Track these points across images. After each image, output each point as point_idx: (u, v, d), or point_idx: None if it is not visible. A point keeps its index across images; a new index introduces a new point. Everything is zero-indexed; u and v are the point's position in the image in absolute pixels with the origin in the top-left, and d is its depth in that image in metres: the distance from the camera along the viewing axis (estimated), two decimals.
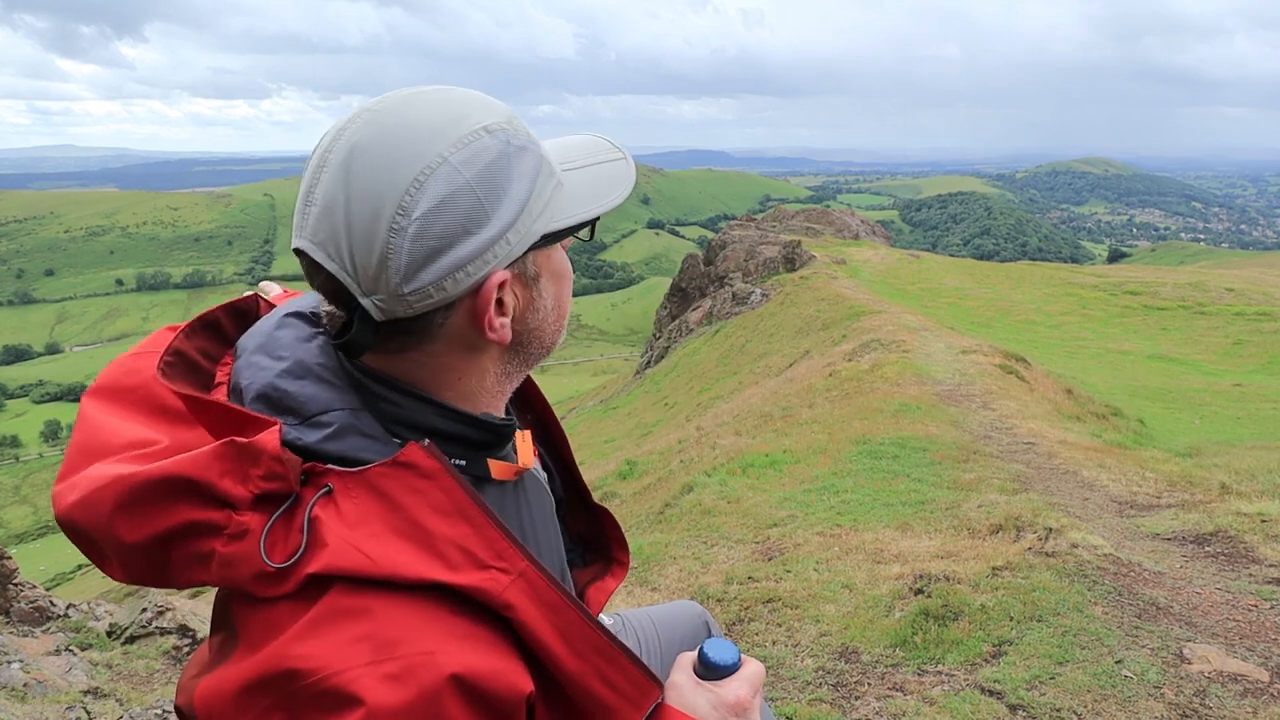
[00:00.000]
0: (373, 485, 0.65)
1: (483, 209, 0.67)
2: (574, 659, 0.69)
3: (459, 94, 0.71)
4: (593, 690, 0.70)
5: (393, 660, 0.59)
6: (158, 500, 0.65)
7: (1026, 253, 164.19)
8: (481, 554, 0.65)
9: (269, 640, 0.62)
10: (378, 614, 0.61)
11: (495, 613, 0.65)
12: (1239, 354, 19.84)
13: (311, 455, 0.68)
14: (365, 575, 0.62)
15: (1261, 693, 2.52)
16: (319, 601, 0.62)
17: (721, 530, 4.94)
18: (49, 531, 58.10)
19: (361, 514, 0.64)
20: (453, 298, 0.69)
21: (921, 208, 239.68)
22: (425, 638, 0.61)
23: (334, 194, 0.66)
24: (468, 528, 0.66)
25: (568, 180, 0.76)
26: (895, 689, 2.72)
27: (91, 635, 4.00)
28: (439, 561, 0.64)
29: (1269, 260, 60.91)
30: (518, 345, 0.77)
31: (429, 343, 0.72)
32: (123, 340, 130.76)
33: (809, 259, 30.59)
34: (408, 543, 0.64)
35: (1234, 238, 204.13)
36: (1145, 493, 5.14)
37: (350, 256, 0.66)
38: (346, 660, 0.59)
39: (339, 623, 0.61)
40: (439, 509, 0.65)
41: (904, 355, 11.27)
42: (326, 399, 0.71)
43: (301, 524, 0.64)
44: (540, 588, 0.67)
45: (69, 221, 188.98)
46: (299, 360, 0.73)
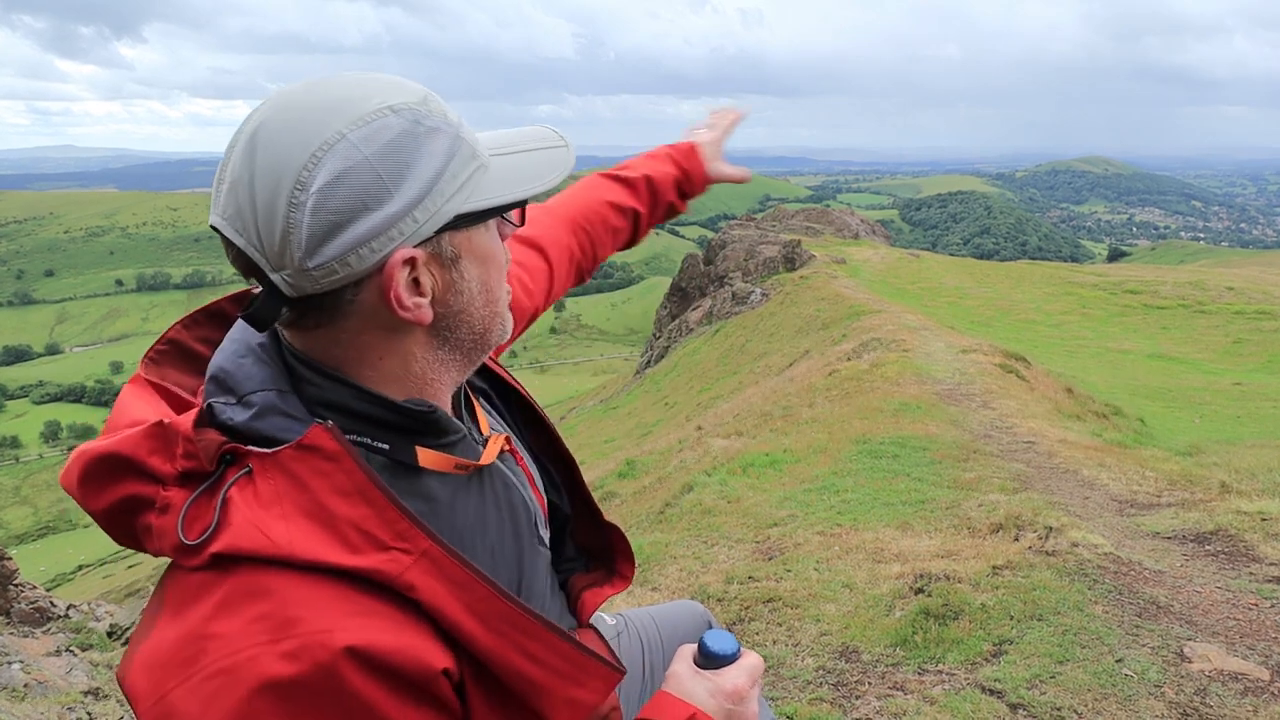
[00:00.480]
0: (285, 467, 0.67)
1: (383, 185, 0.67)
2: (489, 635, 0.69)
3: (374, 77, 0.72)
4: (514, 665, 0.71)
5: (290, 639, 0.61)
6: (104, 474, 0.69)
7: (1026, 252, 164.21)
8: (382, 535, 0.66)
9: (185, 610, 0.65)
10: (278, 594, 0.63)
11: (402, 593, 0.66)
12: (1239, 353, 19.84)
13: (239, 434, 0.70)
14: (265, 556, 0.64)
15: (1262, 691, 2.52)
16: (226, 580, 0.64)
17: (722, 530, 4.94)
18: (49, 532, 58.12)
19: (275, 495, 0.66)
20: (359, 274, 0.69)
21: (921, 207, 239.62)
22: (323, 617, 0.63)
23: (240, 171, 0.67)
24: (368, 509, 0.67)
25: (496, 164, 0.77)
26: (896, 688, 2.72)
27: (92, 636, 4.00)
28: (340, 544, 0.65)
29: (1269, 259, 60.91)
30: (443, 329, 0.76)
31: (342, 320, 0.72)
32: (123, 341, 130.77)
33: (809, 258, 30.59)
34: (314, 524, 0.65)
35: (1234, 236, 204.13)
36: (1145, 491, 5.14)
37: (256, 232, 0.67)
38: (248, 639, 0.61)
39: (242, 602, 0.63)
40: (341, 490, 0.67)
41: (904, 354, 11.27)
42: (260, 378, 0.72)
43: (217, 503, 0.66)
44: (445, 565, 0.68)
45: (69, 222, 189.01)
46: (244, 340, 0.75)
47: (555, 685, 0.74)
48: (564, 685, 0.75)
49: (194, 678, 0.61)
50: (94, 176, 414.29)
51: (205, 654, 0.61)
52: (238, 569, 0.64)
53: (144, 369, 0.78)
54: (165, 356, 0.80)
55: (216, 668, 0.61)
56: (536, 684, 0.73)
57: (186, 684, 0.61)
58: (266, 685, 0.60)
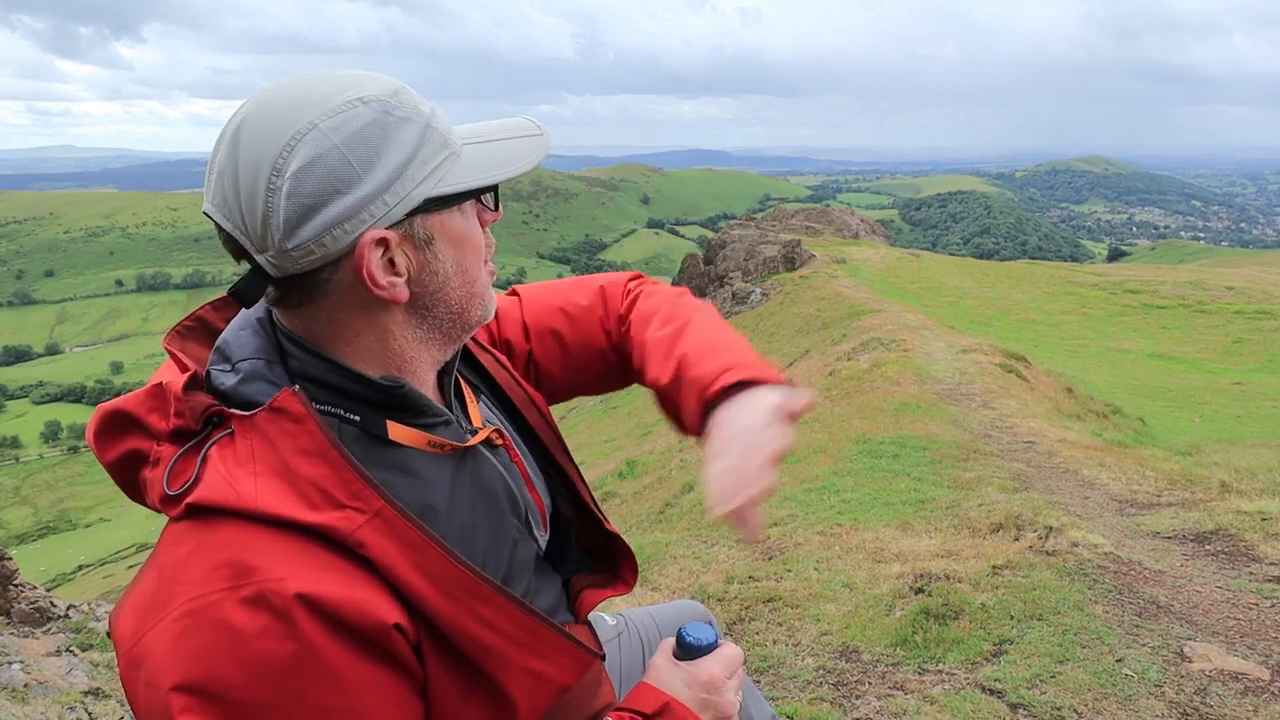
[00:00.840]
0: (260, 428, 0.72)
1: (353, 170, 0.72)
2: (441, 597, 0.72)
3: (350, 73, 0.77)
4: (468, 630, 0.73)
5: (247, 585, 0.66)
6: (113, 429, 0.77)
7: (1026, 252, 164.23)
8: (338, 493, 0.71)
9: (162, 557, 0.71)
10: (240, 544, 0.68)
11: (354, 550, 0.70)
12: (1239, 352, 19.85)
13: (228, 398, 0.76)
14: (233, 508, 0.69)
15: (1262, 691, 2.52)
16: (199, 531, 0.70)
17: (722, 530, 4.94)
18: (49, 532, 58.14)
19: (249, 453, 0.72)
20: (334, 254, 0.74)
21: (921, 207, 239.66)
22: (278, 566, 0.67)
23: (225, 162, 0.73)
24: (327, 469, 0.71)
25: (468, 152, 0.81)
26: (896, 688, 2.72)
27: (92, 636, 4.00)
28: (301, 501, 0.70)
29: (1268, 259, 60.90)
30: (421, 308, 0.81)
31: (322, 297, 0.77)
32: (123, 341, 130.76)
33: (809, 258, 30.59)
34: (280, 481, 0.70)
35: (1234, 236, 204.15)
36: (1145, 491, 5.14)
37: (241, 217, 0.73)
38: (210, 584, 0.66)
39: (209, 550, 0.68)
40: (304, 450, 0.71)
41: (904, 354, 11.27)
42: (252, 348, 0.79)
43: (198, 460, 0.72)
44: (398, 526, 0.71)
45: (69, 222, 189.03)
46: (248, 316, 0.82)
47: (511, 653, 0.76)
48: (521, 654, 0.76)
49: (165, 619, 0.66)
50: (94, 177, 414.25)
51: (174, 598, 0.66)
52: (210, 520, 0.69)
53: (167, 340, 0.84)
54: (191, 332, 0.86)
55: (182, 610, 0.65)
56: (490, 649, 0.74)
57: (158, 625, 0.66)
58: (226, 629, 0.64)
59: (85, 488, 68.09)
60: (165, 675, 0.64)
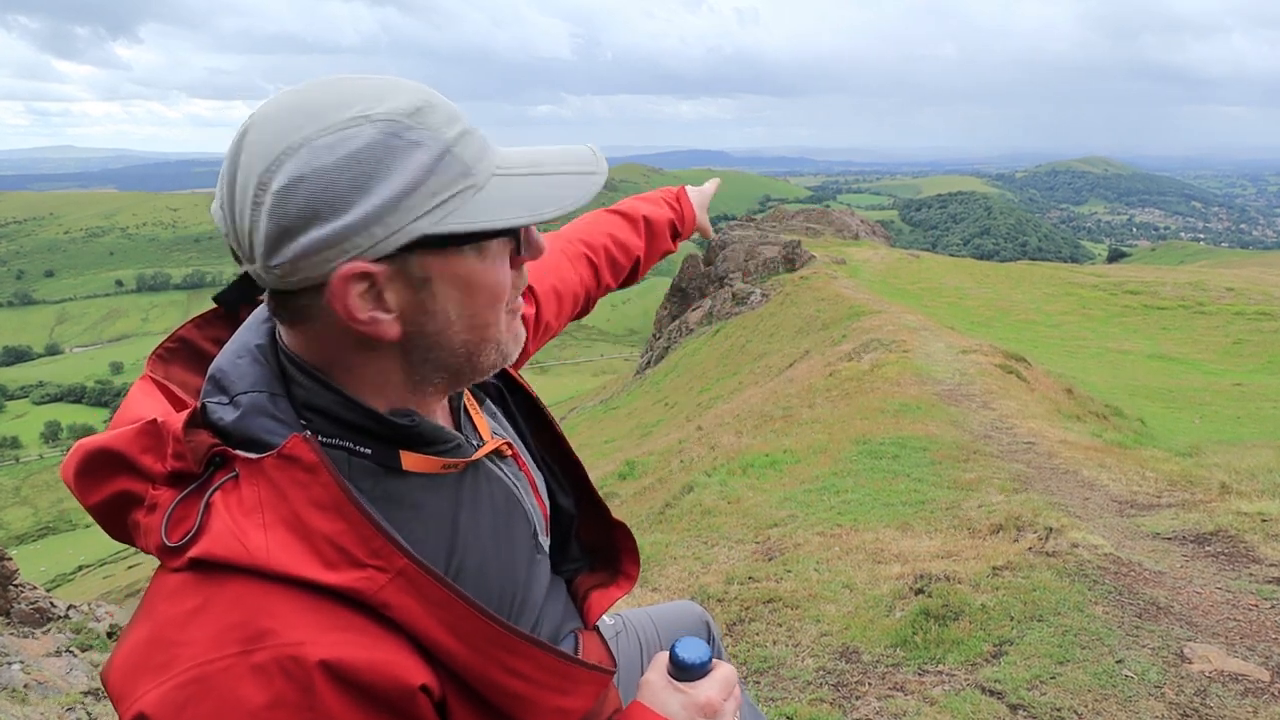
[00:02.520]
0: (268, 474, 0.67)
1: (339, 197, 0.65)
2: (469, 652, 0.69)
3: (372, 81, 0.69)
4: (497, 681, 0.71)
5: (261, 650, 0.61)
6: (99, 469, 0.69)
7: (1026, 252, 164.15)
8: (357, 552, 0.65)
9: (160, 612, 0.64)
10: (251, 604, 0.62)
11: (378, 611, 0.66)
12: (1239, 353, 19.85)
13: (229, 435, 0.70)
14: (242, 565, 0.63)
15: (1262, 692, 2.52)
16: (203, 587, 0.64)
17: (722, 530, 4.94)
18: (49, 533, 58.10)
19: (256, 502, 0.66)
20: (314, 281, 0.68)
21: (921, 207, 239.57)
22: (296, 630, 0.62)
23: (227, 166, 0.69)
24: (344, 524, 0.66)
25: (498, 186, 0.72)
26: (896, 689, 2.72)
27: (92, 636, 4.00)
28: (317, 559, 0.64)
29: (1269, 260, 60.91)
30: (416, 348, 0.73)
31: (312, 321, 0.71)
32: (123, 341, 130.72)
33: (809, 259, 30.59)
34: (292, 535, 0.65)
35: (1234, 237, 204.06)
36: (1145, 492, 5.14)
37: (232, 224, 0.68)
38: (219, 649, 0.61)
39: (215, 610, 0.62)
40: (318, 504, 0.66)
41: (904, 355, 11.27)
42: (252, 379, 0.72)
43: (200, 507, 0.66)
44: (422, 585, 0.67)
45: (69, 222, 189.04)
46: (244, 340, 0.75)
47: (540, 696, 0.74)
48: (549, 696, 0.75)
49: (166, 684, 0.60)
50: (94, 177, 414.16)
51: (177, 661, 0.61)
52: (215, 576, 0.64)
53: (150, 366, 0.78)
54: (174, 354, 0.80)
55: (187, 676, 0.60)
56: (519, 696, 0.72)
57: (159, 689, 0.60)
58: (236, 699, 0.59)
59: None
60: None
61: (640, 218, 1.41)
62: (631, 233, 1.39)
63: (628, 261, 1.39)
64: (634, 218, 1.40)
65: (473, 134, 0.72)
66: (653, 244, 1.43)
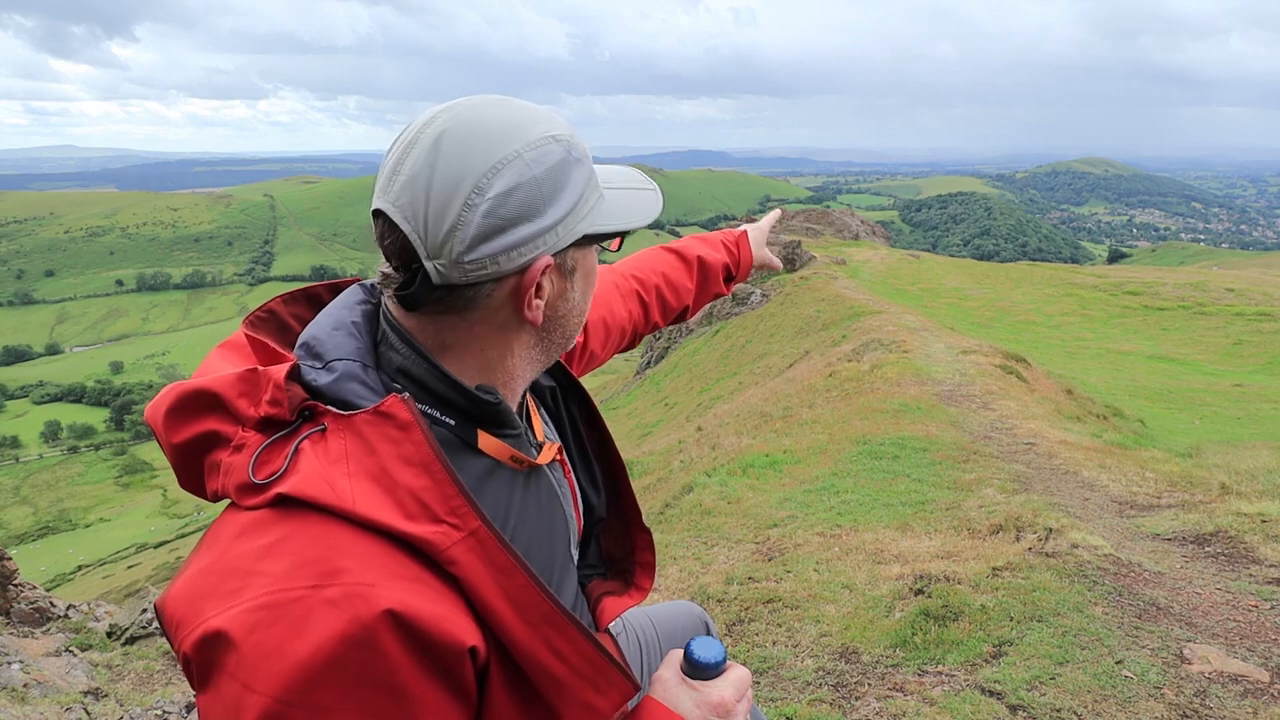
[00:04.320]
0: (358, 430, 0.72)
1: (542, 201, 0.77)
2: (521, 624, 0.72)
3: (534, 107, 0.82)
4: (540, 659, 0.73)
5: (334, 587, 0.64)
6: (192, 408, 0.76)
7: (1026, 253, 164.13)
8: (436, 507, 0.70)
9: (235, 545, 0.68)
10: (330, 543, 0.67)
11: (444, 567, 0.69)
12: (1239, 354, 19.84)
13: (321, 395, 0.76)
14: (326, 505, 0.68)
15: (1262, 693, 2.52)
16: (285, 522, 0.68)
17: (721, 530, 4.94)
18: (49, 532, 58.11)
19: (343, 453, 0.71)
20: (503, 273, 0.77)
21: (921, 208, 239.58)
22: (368, 571, 0.66)
23: (421, 168, 0.75)
24: (429, 480, 0.71)
25: (609, 196, 0.87)
26: (895, 689, 2.72)
27: (92, 636, 4.00)
28: (398, 509, 0.69)
29: (1268, 260, 60.91)
30: (546, 330, 0.85)
31: (472, 310, 0.80)
32: (123, 341, 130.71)
33: (809, 259, 30.59)
34: (375, 486, 0.70)
35: (1234, 238, 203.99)
36: (1145, 493, 5.14)
37: (425, 222, 0.75)
38: (294, 580, 0.64)
39: (294, 545, 0.67)
40: (407, 459, 0.71)
41: (904, 355, 11.27)
42: (347, 350, 0.80)
43: (290, 451, 0.71)
44: (490, 548, 0.71)
45: (69, 222, 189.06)
46: (339, 317, 0.83)
47: (576, 686, 0.76)
48: (583, 687, 0.77)
49: (238, 607, 0.64)
50: (94, 176, 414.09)
51: (250, 588, 0.65)
52: (295, 513, 0.68)
53: (247, 326, 0.85)
54: (263, 323, 0.87)
55: (260, 602, 0.64)
56: (559, 681, 0.75)
57: (229, 611, 0.64)
58: (305, 628, 0.63)
59: (85, 488, 68.06)
60: (240, 665, 0.63)
61: (695, 259, 1.48)
62: (685, 274, 1.46)
63: (678, 303, 1.45)
64: (689, 259, 1.48)
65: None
66: (704, 286, 1.49)
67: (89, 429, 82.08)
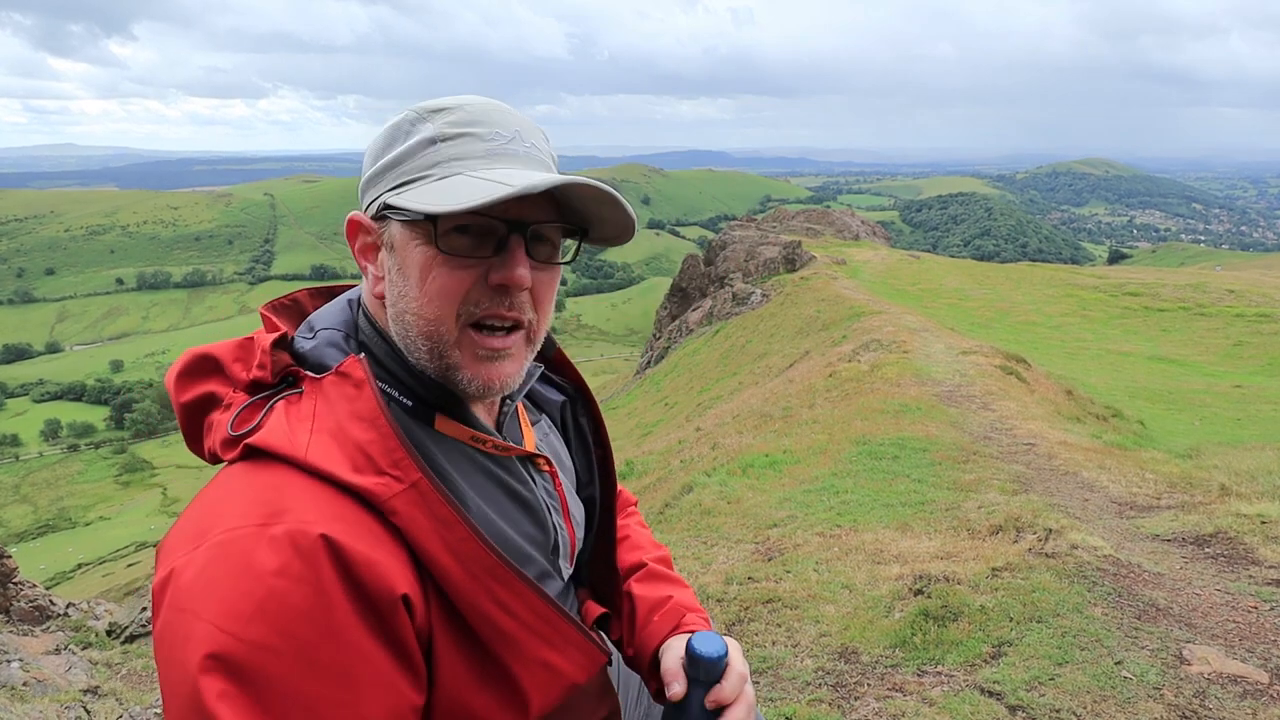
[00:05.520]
0: (324, 390, 0.78)
1: (370, 157, 0.86)
2: (464, 576, 0.74)
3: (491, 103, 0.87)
4: (486, 612, 0.74)
5: (279, 524, 0.68)
6: (198, 371, 0.84)
7: (1027, 254, 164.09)
8: (380, 459, 0.74)
9: (209, 493, 0.75)
10: (282, 487, 0.71)
11: (387, 517, 0.72)
12: (1239, 355, 19.84)
13: (304, 361, 0.84)
14: (285, 456, 0.73)
15: (1261, 694, 2.52)
16: (250, 471, 0.74)
17: (721, 530, 4.94)
18: (49, 531, 58.10)
19: (311, 412, 0.77)
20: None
21: (922, 208, 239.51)
22: (310, 512, 0.70)
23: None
24: (375, 434, 0.75)
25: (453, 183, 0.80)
26: (895, 689, 2.72)
27: (91, 634, 4.00)
28: (346, 461, 0.73)
29: (1269, 262, 60.90)
30: (393, 310, 0.84)
31: None
32: (123, 339, 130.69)
33: (809, 259, 30.60)
34: (332, 441, 0.75)
35: (1234, 239, 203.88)
36: (1145, 494, 5.14)
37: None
38: (243, 518, 0.69)
39: (252, 488, 0.72)
40: (358, 415, 0.76)
41: (904, 356, 11.27)
42: (335, 320, 0.88)
43: (265, 409, 0.78)
44: (431, 500, 0.73)
45: (69, 220, 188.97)
46: (345, 297, 0.92)
47: (527, 641, 0.76)
48: (537, 644, 0.77)
49: (201, 546, 0.69)
50: (94, 175, 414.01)
51: (212, 529, 0.70)
52: (260, 463, 0.74)
53: (264, 307, 0.92)
54: (287, 309, 0.94)
55: (214, 541, 0.68)
56: (507, 635, 0.75)
57: (192, 553, 0.69)
58: (249, 562, 0.67)
59: (85, 486, 68.05)
60: (187, 597, 0.67)
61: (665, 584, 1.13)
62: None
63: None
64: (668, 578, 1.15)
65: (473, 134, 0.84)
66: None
67: (89, 427, 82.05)
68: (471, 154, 0.81)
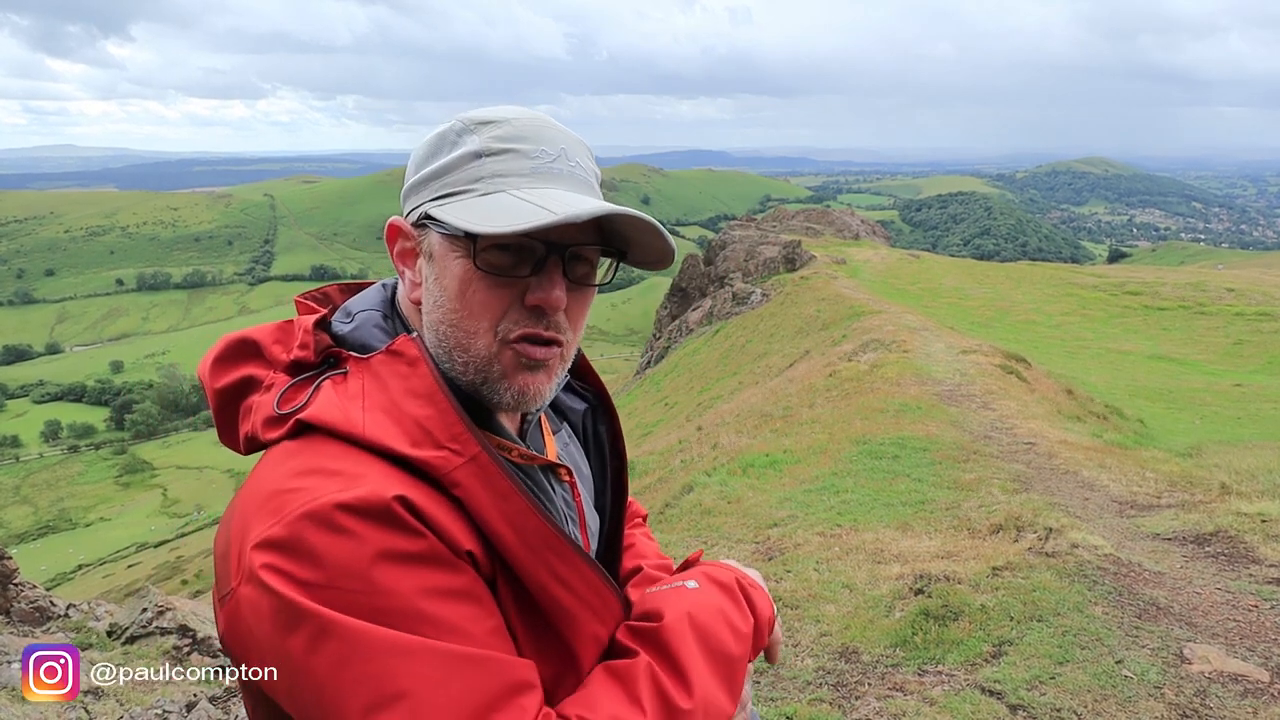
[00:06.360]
0: (374, 369, 0.79)
1: (414, 165, 0.86)
2: (524, 549, 0.75)
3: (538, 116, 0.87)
4: (546, 586, 0.76)
5: (357, 489, 0.70)
6: (236, 355, 0.85)
7: (1027, 253, 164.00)
8: (439, 434, 0.75)
9: (269, 473, 0.74)
10: (346, 461, 0.73)
11: (449, 491, 0.74)
12: (1239, 354, 19.84)
13: (345, 343, 0.84)
14: (341, 431, 0.74)
15: (1262, 693, 2.52)
16: (306, 448, 0.74)
17: (721, 530, 4.94)
18: (49, 532, 58.10)
19: (360, 390, 0.78)
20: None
21: (922, 208, 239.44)
22: (382, 480, 0.71)
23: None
24: (433, 410, 0.76)
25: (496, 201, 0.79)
26: (895, 689, 2.72)
27: (92, 635, 4.00)
28: (404, 436, 0.74)
29: (1269, 260, 60.91)
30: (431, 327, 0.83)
31: None
32: (123, 340, 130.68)
33: (809, 259, 30.60)
34: (386, 417, 0.75)
35: (1234, 238, 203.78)
36: (1145, 493, 5.14)
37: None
38: (323, 489, 0.70)
39: (318, 461, 0.73)
40: (414, 392, 0.77)
41: (904, 355, 11.27)
42: (372, 302, 0.89)
43: (311, 388, 0.79)
44: (491, 473, 0.75)
45: (69, 221, 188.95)
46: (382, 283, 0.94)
47: (582, 616, 0.78)
48: (589, 617, 0.79)
49: (285, 520, 0.69)
50: (94, 176, 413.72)
51: (290, 502, 0.70)
52: (315, 439, 0.75)
53: (300, 297, 0.93)
54: (317, 302, 0.95)
55: (302, 511, 0.69)
56: (566, 610, 0.77)
57: (278, 525, 0.69)
58: (338, 526, 0.68)
59: (85, 487, 68.03)
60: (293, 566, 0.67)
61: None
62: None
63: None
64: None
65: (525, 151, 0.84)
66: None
67: (89, 428, 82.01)
68: (516, 171, 0.81)
